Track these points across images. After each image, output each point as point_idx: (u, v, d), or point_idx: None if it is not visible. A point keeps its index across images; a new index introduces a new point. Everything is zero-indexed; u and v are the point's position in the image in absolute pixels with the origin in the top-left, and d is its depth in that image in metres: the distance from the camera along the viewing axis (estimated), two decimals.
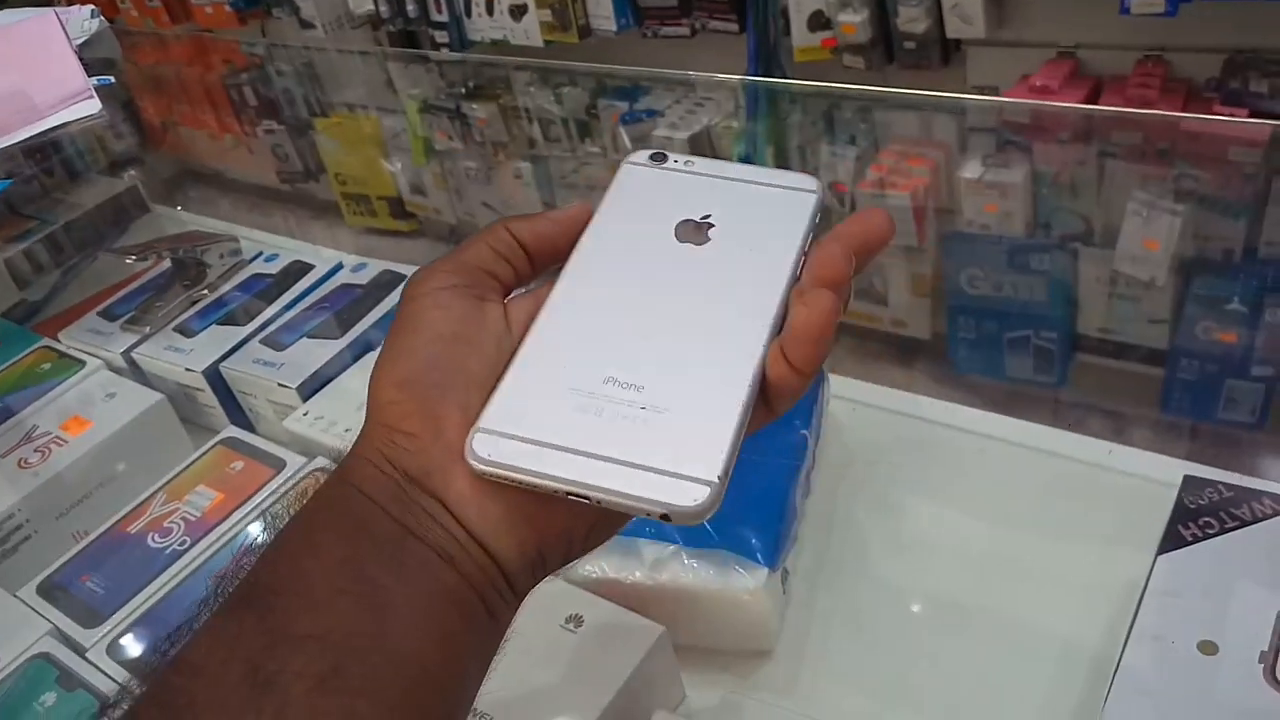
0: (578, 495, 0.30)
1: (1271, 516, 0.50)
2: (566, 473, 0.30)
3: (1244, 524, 0.50)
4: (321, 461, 0.68)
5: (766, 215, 0.35)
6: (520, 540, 0.30)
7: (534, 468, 0.30)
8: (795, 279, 0.34)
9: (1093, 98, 1.55)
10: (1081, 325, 1.56)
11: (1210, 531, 0.50)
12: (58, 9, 0.94)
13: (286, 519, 0.31)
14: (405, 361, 0.31)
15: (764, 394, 0.32)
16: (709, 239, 0.35)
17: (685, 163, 0.37)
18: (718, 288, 0.34)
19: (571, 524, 0.32)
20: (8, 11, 0.98)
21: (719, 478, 0.30)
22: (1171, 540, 0.50)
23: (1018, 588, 0.59)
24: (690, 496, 0.29)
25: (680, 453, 0.30)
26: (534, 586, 0.33)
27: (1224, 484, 0.52)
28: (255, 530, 0.63)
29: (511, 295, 0.35)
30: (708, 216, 0.35)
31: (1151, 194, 1.41)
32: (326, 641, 0.27)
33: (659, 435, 0.30)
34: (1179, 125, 1.40)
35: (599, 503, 0.29)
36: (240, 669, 0.27)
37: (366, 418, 0.32)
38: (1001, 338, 1.58)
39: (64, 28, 0.89)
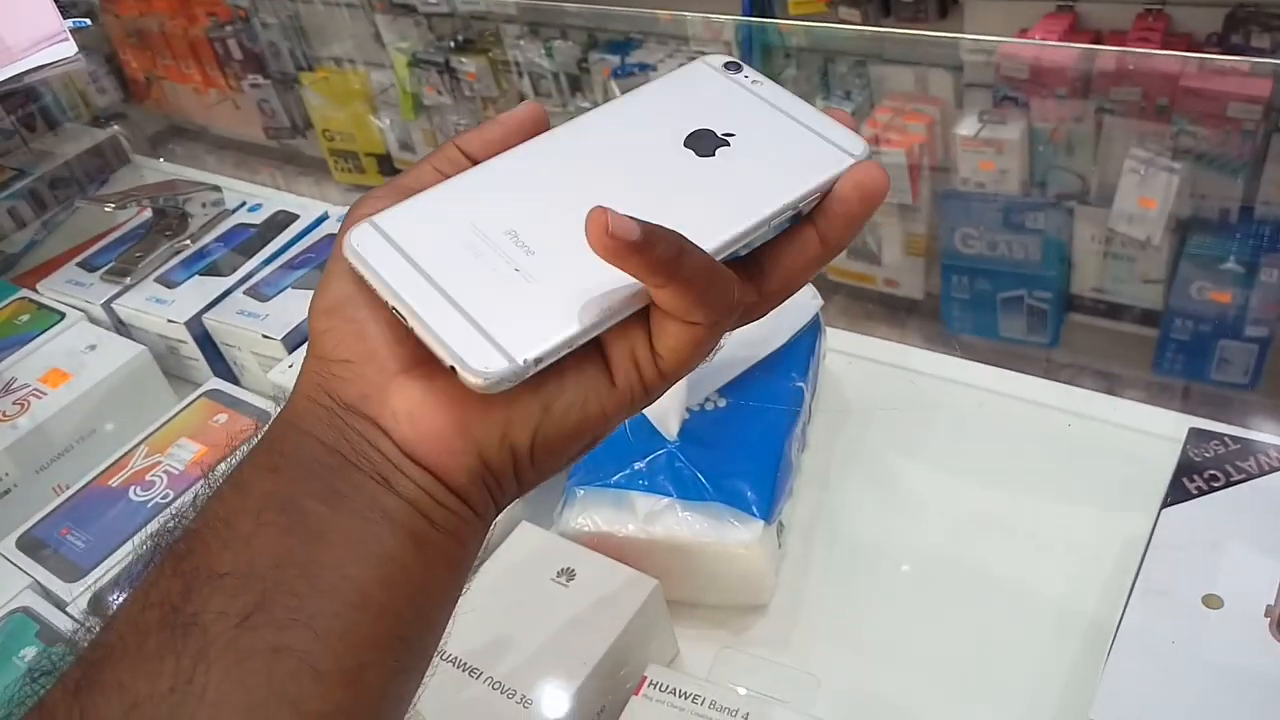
0: (398, 314, 0.29)
1: (1278, 470, 0.49)
2: (402, 289, 0.29)
3: (1249, 477, 0.49)
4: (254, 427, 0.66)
5: (790, 156, 0.33)
6: (458, 450, 0.29)
7: (381, 272, 0.29)
8: (768, 227, 0.31)
9: (1091, 54, 1.52)
10: (1075, 285, 1.55)
11: (1215, 485, 0.49)
12: None
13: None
14: (335, 286, 0.30)
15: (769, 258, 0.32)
16: (714, 155, 0.33)
17: (753, 82, 0.35)
18: (684, 199, 0.32)
19: (508, 430, 0.29)
20: None
21: (525, 361, 0.28)
22: (1176, 493, 0.49)
23: (1016, 545, 0.59)
24: (484, 363, 0.28)
25: (510, 324, 0.29)
26: (498, 506, 0.31)
27: (1229, 436, 0.51)
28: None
29: None
30: (730, 134, 0.33)
31: (1149, 151, 1.40)
32: (249, 577, 0.26)
33: (508, 299, 0.29)
34: (1178, 81, 1.38)
35: (411, 330, 0.29)
36: (157, 614, 0.25)
37: (306, 353, 0.31)
38: (995, 297, 1.57)
39: None
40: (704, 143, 0.33)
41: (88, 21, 0.79)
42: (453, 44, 2.01)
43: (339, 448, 0.28)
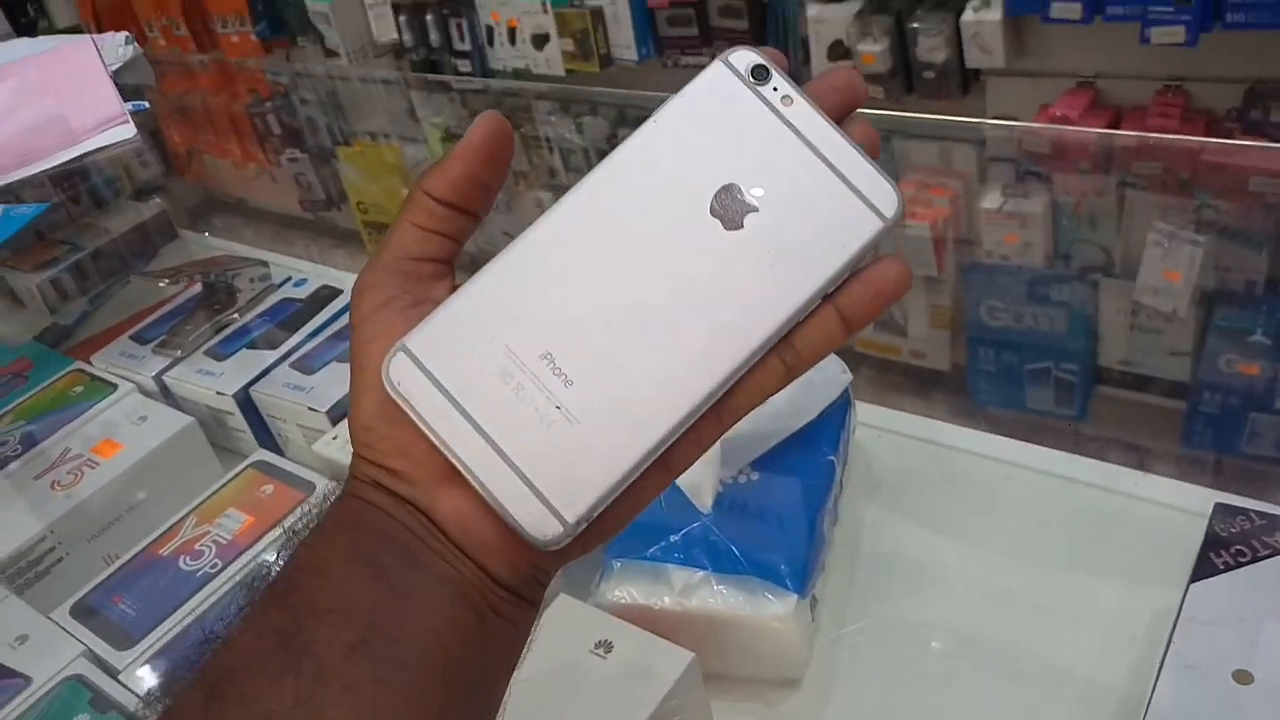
0: (454, 465, 0.30)
1: None
2: (453, 440, 0.29)
3: (1276, 552, 0.50)
4: (327, 492, 0.68)
5: (822, 223, 0.31)
6: (511, 559, 0.31)
7: (429, 418, 0.30)
8: (807, 306, 0.31)
9: (1112, 127, 1.55)
10: (1102, 357, 1.56)
11: (1243, 560, 0.50)
12: (94, 35, 0.95)
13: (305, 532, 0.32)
14: (365, 403, 0.31)
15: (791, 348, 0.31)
16: (742, 225, 0.31)
17: (783, 99, 0.31)
18: (714, 296, 0.30)
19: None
20: (45, 38, 1.00)
21: (575, 520, 0.29)
22: (1204, 568, 0.50)
23: (1046, 620, 0.59)
24: (540, 529, 0.29)
25: (561, 478, 0.29)
26: (545, 589, 0.33)
27: (1255, 512, 0.52)
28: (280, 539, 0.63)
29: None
30: (758, 193, 0.31)
31: (1172, 224, 1.41)
32: (350, 614, 0.28)
33: (555, 447, 0.29)
34: (1200, 155, 1.40)
35: (473, 487, 0.30)
36: (273, 639, 0.28)
37: (352, 445, 0.32)
38: (1022, 369, 1.57)
39: (100, 54, 0.90)
40: (731, 207, 0.31)
41: (146, 104, 0.83)
42: None
43: (406, 524, 0.30)
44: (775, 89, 0.31)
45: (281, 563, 0.31)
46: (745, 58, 0.32)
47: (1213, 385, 1.41)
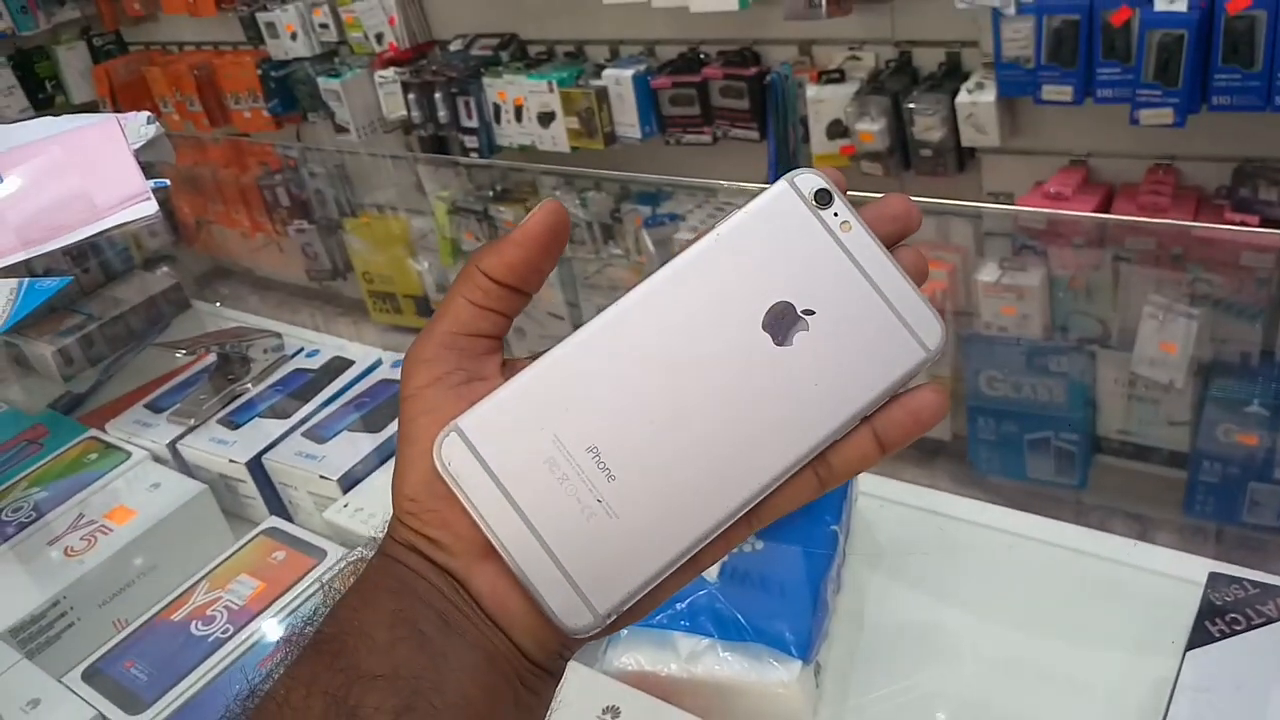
0: (499, 553, 0.31)
1: None
2: (497, 524, 0.31)
3: (1270, 620, 0.51)
4: (362, 552, 0.69)
5: (868, 349, 0.32)
6: (540, 639, 0.32)
7: (474, 499, 0.31)
8: (844, 428, 0.32)
9: (1105, 204, 1.59)
10: (1101, 427, 1.57)
11: (1238, 628, 0.51)
12: (118, 115, 0.99)
13: (342, 590, 0.33)
14: (411, 475, 0.32)
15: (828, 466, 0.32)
16: (792, 343, 0.32)
17: (842, 224, 0.32)
18: (759, 408, 0.32)
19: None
20: (67, 117, 1.04)
21: (607, 612, 0.31)
22: (1200, 636, 0.51)
23: (1046, 688, 0.60)
24: (574, 620, 0.31)
25: (596, 570, 0.31)
26: (566, 664, 0.34)
27: (1249, 580, 0.53)
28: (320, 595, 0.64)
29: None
30: (811, 313, 0.32)
31: (1167, 298, 1.43)
32: (396, 681, 0.29)
33: (594, 540, 0.31)
34: (1192, 231, 1.43)
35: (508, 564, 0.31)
36: (322, 702, 0.29)
37: (392, 512, 0.34)
38: (1022, 439, 1.58)
39: (124, 133, 0.93)
40: (782, 324, 0.32)
41: (167, 182, 0.86)
42: (491, 193, 2.11)
43: (442, 590, 0.32)
44: (836, 214, 0.32)
45: (321, 618, 0.32)
46: (810, 181, 0.32)
47: (1212, 455, 1.42)
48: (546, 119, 2.03)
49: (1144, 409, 1.52)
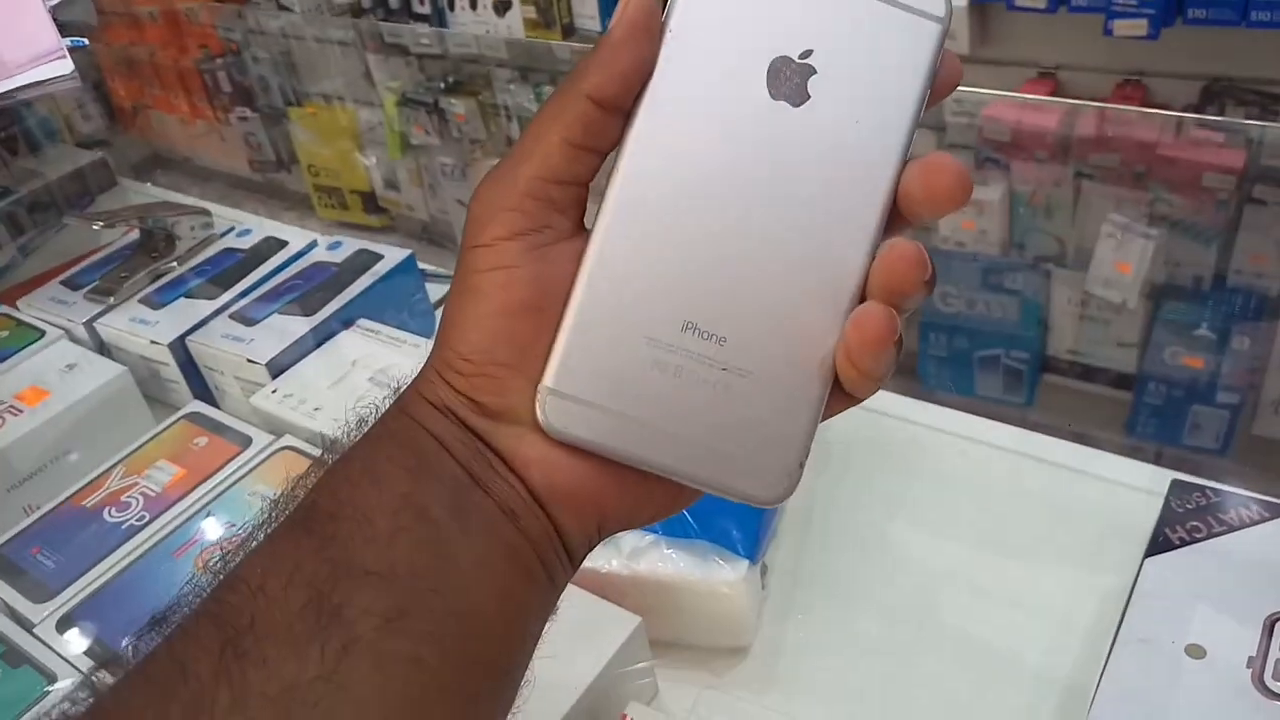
0: (660, 474, 0.28)
1: (1259, 522, 0.49)
2: (647, 452, 0.28)
3: (1231, 529, 0.49)
4: (290, 440, 0.66)
5: (879, 53, 0.29)
6: (583, 515, 0.29)
7: (613, 444, 0.28)
8: (906, 152, 0.29)
9: (1071, 119, 1.56)
10: (1051, 346, 1.57)
11: (1198, 535, 0.49)
12: None
13: (346, 445, 0.29)
14: (473, 334, 0.29)
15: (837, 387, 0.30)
16: (809, 94, 0.28)
17: None
18: (819, 180, 0.28)
19: (639, 504, 0.30)
20: None
21: (799, 465, 0.28)
22: (1159, 543, 0.49)
23: (995, 595, 0.59)
24: (771, 489, 0.28)
25: (761, 434, 0.28)
26: (588, 554, 0.31)
27: (1211, 489, 0.52)
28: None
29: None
30: (808, 54, 0.29)
31: (1127, 217, 1.43)
32: (391, 580, 0.26)
33: (740, 409, 0.28)
34: (1155, 150, 1.41)
35: (682, 483, 0.28)
36: (303, 595, 0.25)
37: (431, 362, 0.29)
38: (972, 356, 1.58)
39: None
40: (788, 82, 0.28)
41: (85, 41, 0.79)
42: (443, 85, 2.03)
43: (469, 466, 0.28)
44: None
45: (319, 479, 0.28)
46: None
47: (1157, 377, 1.43)
48: (503, 8, 1.95)
49: (1094, 329, 1.52)
